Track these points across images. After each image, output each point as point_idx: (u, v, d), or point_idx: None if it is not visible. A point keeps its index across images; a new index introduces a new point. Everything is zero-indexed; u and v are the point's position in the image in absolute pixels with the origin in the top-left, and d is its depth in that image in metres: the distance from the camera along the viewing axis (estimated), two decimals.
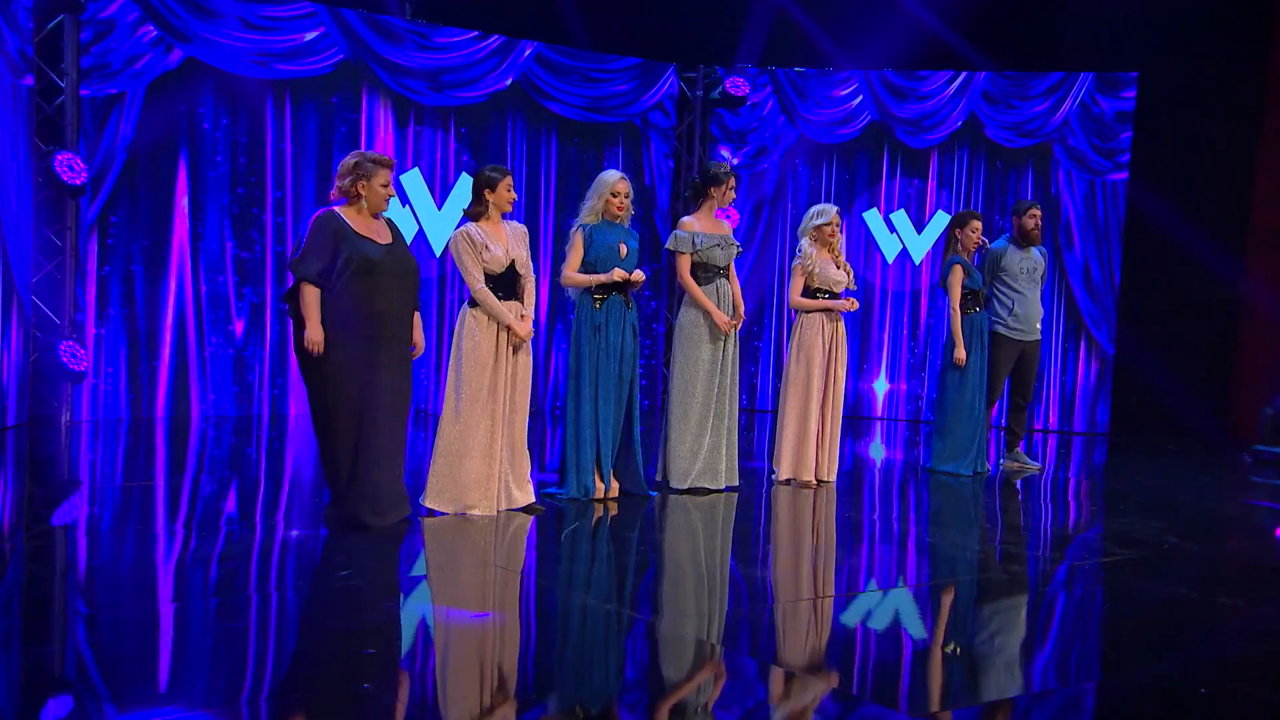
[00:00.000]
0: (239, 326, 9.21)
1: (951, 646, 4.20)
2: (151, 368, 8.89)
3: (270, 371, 9.32)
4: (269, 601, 4.31)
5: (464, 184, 10.25)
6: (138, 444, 8.01)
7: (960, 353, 7.76)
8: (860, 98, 11.18)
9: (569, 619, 4.37)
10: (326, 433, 5.40)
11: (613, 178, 6.38)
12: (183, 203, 8.95)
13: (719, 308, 6.75)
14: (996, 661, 4.06)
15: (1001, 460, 8.36)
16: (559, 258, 8.30)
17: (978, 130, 11.05)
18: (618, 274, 6.25)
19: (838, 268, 7.16)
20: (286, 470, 7.50)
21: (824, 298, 7.15)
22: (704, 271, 6.78)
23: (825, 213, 7.18)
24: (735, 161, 11.48)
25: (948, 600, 4.84)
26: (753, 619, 4.49)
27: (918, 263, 11.30)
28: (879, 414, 11.36)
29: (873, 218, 11.39)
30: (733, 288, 6.88)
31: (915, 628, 4.46)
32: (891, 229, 11.36)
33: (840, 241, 7.28)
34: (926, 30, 10.82)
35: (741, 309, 6.90)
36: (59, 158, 7.92)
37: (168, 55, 8.68)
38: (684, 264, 6.73)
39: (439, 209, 10.20)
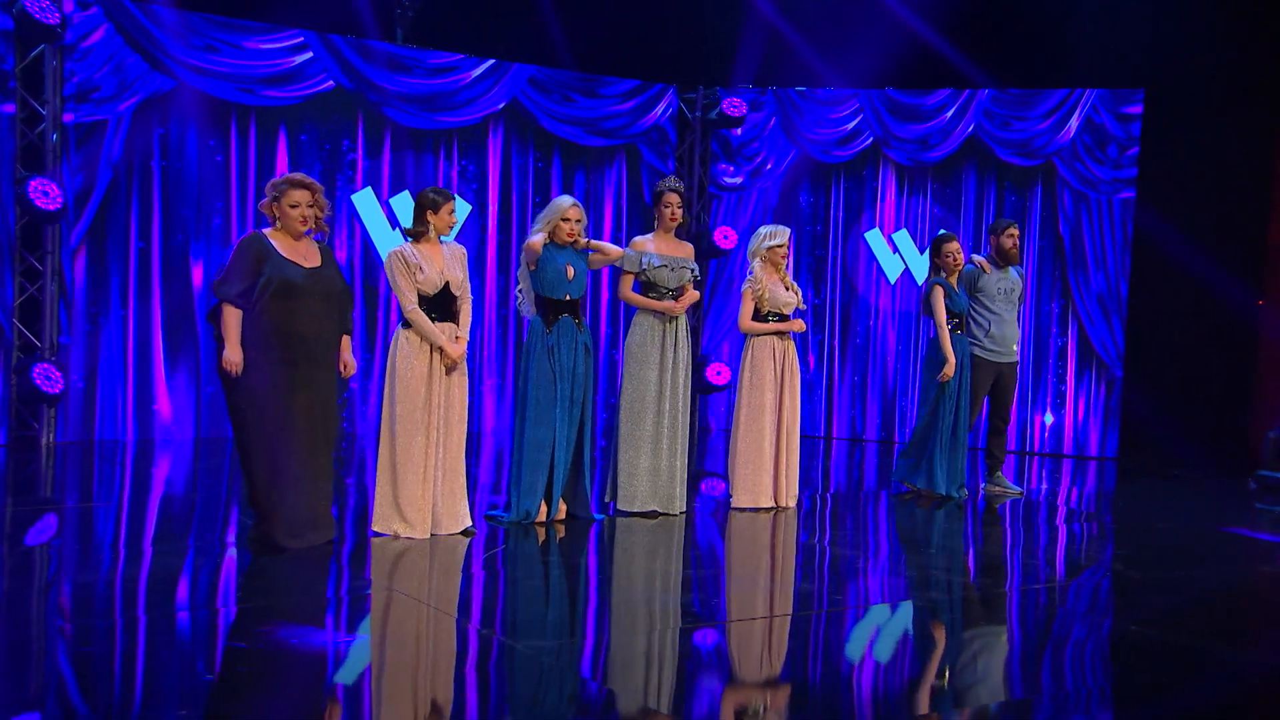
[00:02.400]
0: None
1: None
2: (134, 389, 9.00)
3: None
4: (134, 626, 4.29)
5: (456, 207, 10.25)
6: (109, 466, 8.08)
7: (950, 369, 7.59)
8: (861, 117, 11.04)
9: (443, 644, 4.31)
10: (245, 453, 5.42)
11: (566, 203, 6.36)
12: (166, 227, 9.06)
13: (667, 331, 6.71)
14: (851, 690, 3.93)
15: (983, 485, 8.17)
16: None
17: (981, 149, 10.85)
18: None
19: (786, 289, 7.06)
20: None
21: (774, 320, 7.04)
22: (652, 292, 6.73)
23: (778, 234, 7.07)
24: (739, 180, 11.40)
25: (825, 630, 4.70)
26: (621, 645, 4.39)
27: (920, 283, 11.08)
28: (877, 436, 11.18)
29: (875, 238, 11.23)
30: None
31: (785, 656, 4.34)
32: (894, 249, 11.19)
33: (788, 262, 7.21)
34: (926, 48, 10.66)
35: (692, 297, 6.80)
36: (33, 184, 8.06)
37: (152, 81, 8.81)
38: (625, 281, 6.70)
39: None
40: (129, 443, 8.91)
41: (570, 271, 6.29)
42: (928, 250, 7.92)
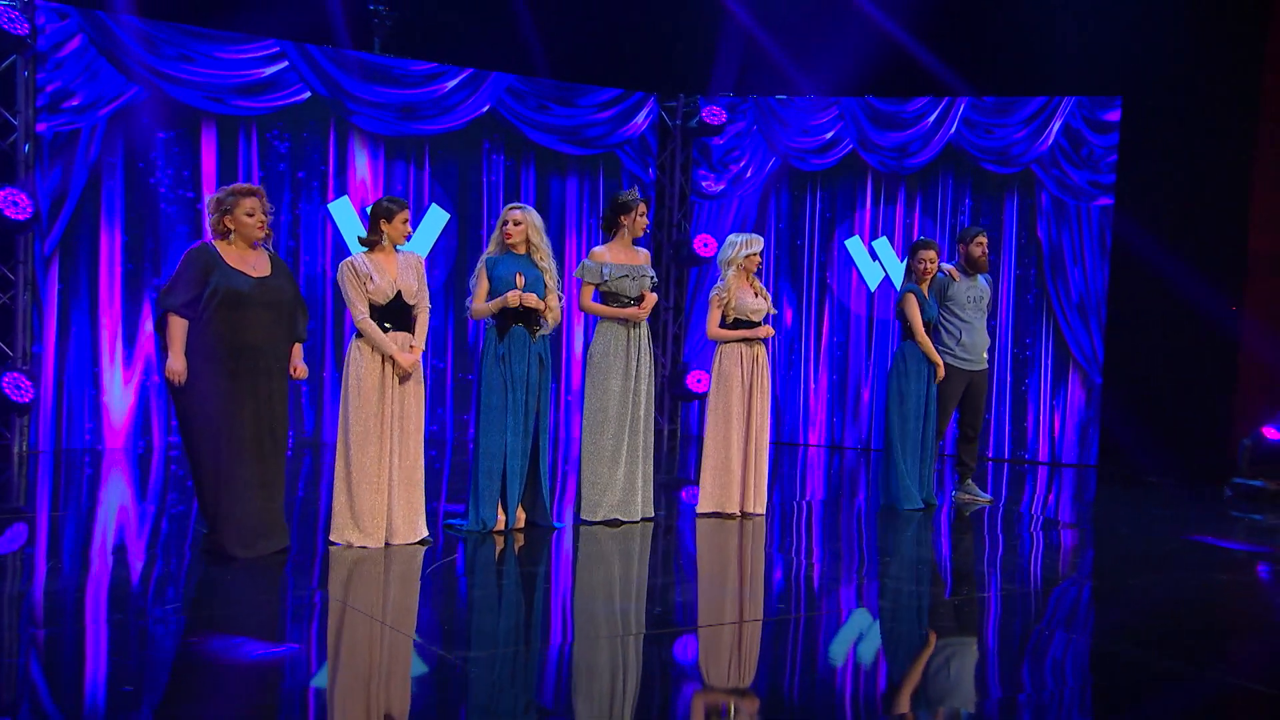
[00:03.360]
0: None
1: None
2: (110, 398, 9.01)
3: None
4: (62, 635, 4.29)
5: (434, 216, 10.31)
6: (78, 475, 8.09)
7: (942, 372, 7.60)
8: (841, 124, 11.04)
9: (395, 655, 4.30)
10: (195, 463, 5.44)
11: (506, 209, 6.37)
12: (141, 236, 9.07)
13: (630, 340, 6.71)
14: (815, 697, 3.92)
15: (954, 492, 8.15)
16: None
17: (961, 156, 10.83)
18: (510, 297, 6.17)
19: (756, 295, 7.06)
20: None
21: (743, 327, 7.04)
22: (614, 302, 6.72)
23: (753, 243, 7.07)
24: (720, 188, 11.41)
25: (779, 638, 4.68)
26: (576, 653, 4.38)
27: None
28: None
29: (855, 245, 11.21)
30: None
31: (710, 665, 4.33)
32: (874, 256, 11.17)
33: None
34: (906, 56, 10.65)
35: (651, 300, 6.79)
36: (2, 194, 8.07)
37: (126, 91, 8.83)
38: (585, 292, 6.69)
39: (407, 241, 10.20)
40: (101, 451, 8.91)
41: (520, 279, 6.25)
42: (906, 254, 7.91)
